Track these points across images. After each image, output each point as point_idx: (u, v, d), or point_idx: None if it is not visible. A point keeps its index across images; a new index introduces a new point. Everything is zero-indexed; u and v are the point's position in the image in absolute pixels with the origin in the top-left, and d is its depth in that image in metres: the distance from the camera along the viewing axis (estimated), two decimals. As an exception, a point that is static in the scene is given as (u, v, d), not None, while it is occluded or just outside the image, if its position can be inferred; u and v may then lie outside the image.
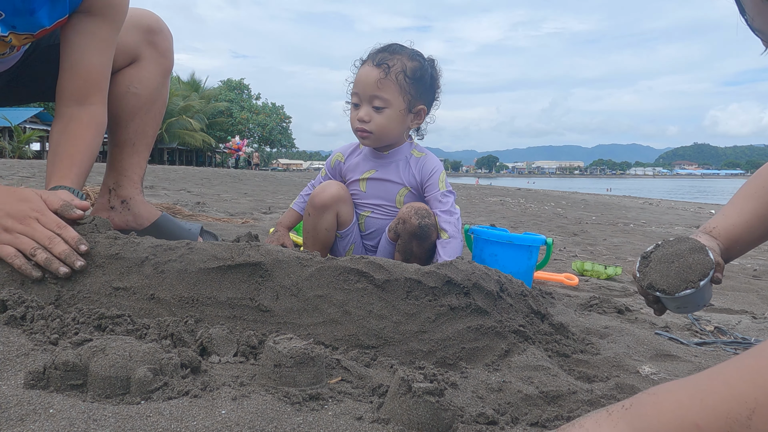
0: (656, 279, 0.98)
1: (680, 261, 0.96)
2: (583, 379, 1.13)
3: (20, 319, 1.04)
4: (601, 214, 8.03)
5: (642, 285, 1.01)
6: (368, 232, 1.98)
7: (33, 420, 0.72)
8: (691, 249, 0.97)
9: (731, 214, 1.08)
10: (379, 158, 1.95)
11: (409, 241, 1.79)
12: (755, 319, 1.91)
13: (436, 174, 1.91)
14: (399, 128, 1.88)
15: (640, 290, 1.05)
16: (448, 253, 1.77)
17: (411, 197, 1.93)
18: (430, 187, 1.90)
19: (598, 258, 3.30)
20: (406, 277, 1.17)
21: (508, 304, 1.27)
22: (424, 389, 0.79)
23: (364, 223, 1.97)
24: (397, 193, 1.94)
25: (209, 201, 5.27)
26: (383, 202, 1.94)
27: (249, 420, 0.76)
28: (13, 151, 24.68)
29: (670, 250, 0.99)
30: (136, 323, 1.07)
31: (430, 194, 1.90)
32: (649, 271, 0.99)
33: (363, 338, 1.11)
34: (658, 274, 0.98)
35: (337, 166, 2.05)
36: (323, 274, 1.16)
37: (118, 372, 0.80)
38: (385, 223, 1.94)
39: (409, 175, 1.93)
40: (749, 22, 0.67)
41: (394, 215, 1.91)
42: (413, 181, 1.93)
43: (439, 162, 1.95)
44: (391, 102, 1.81)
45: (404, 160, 1.94)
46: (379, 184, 1.95)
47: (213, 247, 1.21)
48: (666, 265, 0.98)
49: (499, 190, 16.00)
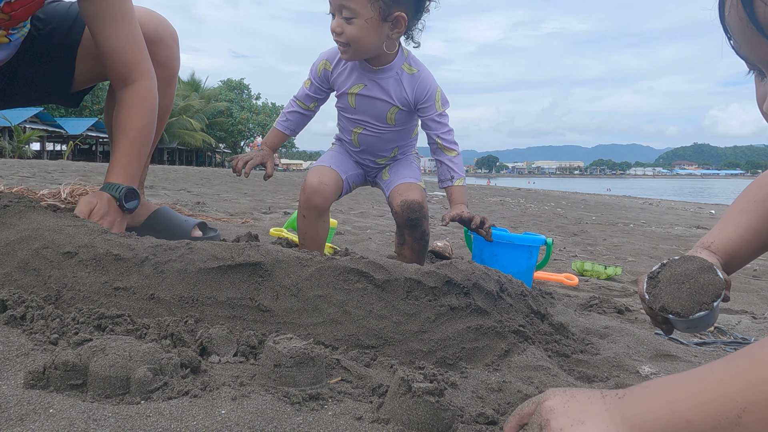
0: (668, 301, 0.95)
1: (691, 282, 0.94)
2: (583, 379, 1.13)
3: (20, 319, 1.04)
4: (601, 214, 8.03)
5: (653, 307, 0.98)
6: (362, 148, 1.93)
7: (33, 420, 0.72)
8: (700, 269, 0.95)
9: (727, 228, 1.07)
10: (368, 72, 1.81)
11: (401, 229, 1.85)
12: (755, 319, 1.91)
13: (432, 94, 1.82)
14: (375, 39, 1.70)
15: (648, 311, 1.03)
16: (459, 167, 1.86)
17: (402, 116, 1.85)
18: (427, 108, 1.83)
19: (598, 258, 3.30)
20: (406, 277, 1.17)
21: (508, 304, 1.27)
22: (424, 389, 0.79)
23: (357, 140, 1.92)
24: (388, 111, 1.84)
25: (209, 201, 5.27)
26: (373, 120, 1.86)
27: (249, 420, 0.76)
28: (13, 150, 24.68)
29: (678, 270, 0.97)
30: (136, 323, 1.07)
31: (427, 116, 1.83)
32: (659, 293, 0.97)
33: (363, 338, 1.11)
34: (669, 296, 0.95)
35: (324, 74, 1.90)
36: (323, 274, 1.16)
37: (118, 372, 0.80)
38: (378, 141, 1.90)
39: (401, 94, 1.82)
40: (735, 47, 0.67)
41: (386, 132, 1.88)
42: (405, 101, 1.82)
43: (434, 79, 1.85)
44: (357, 11, 1.65)
45: (395, 77, 1.81)
46: (367, 101, 1.84)
47: (213, 247, 1.21)
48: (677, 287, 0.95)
49: (499, 190, 16.00)
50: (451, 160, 1.85)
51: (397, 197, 1.82)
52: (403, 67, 1.81)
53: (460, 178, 1.85)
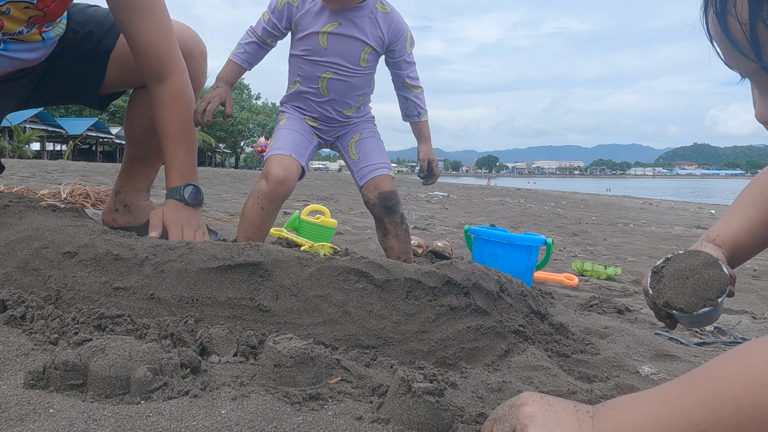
0: (672, 297, 0.94)
1: (695, 277, 0.93)
2: (583, 379, 1.13)
3: (20, 319, 1.04)
4: (601, 214, 8.04)
5: (657, 303, 0.97)
6: (330, 97, 1.84)
7: (33, 420, 0.72)
8: (705, 264, 0.94)
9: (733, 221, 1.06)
10: (343, 10, 1.75)
11: (380, 220, 1.87)
12: (755, 319, 1.91)
13: (405, 35, 1.84)
14: None
15: (651, 306, 1.02)
16: (424, 103, 1.96)
17: (373, 57, 1.83)
18: (399, 50, 1.84)
19: (598, 258, 3.30)
20: (406, 277, 1.17)
21: (508, 304, 1.27)
22: (424, 389, 0.79)
23: (326, 87, 1.82)
24: (361, 52, 1.80)
25: (209, 201, 5.27)
26: (344, 62, 1.80)
27: (249, 420, 0.76)
28: (13, 150, 24.68)
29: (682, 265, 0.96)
30: (136, 323, 1.07)
31: (399, 57, 1.85)
32: (663, 288, 0.96)
33: (363, 338, 1.11)
34: (673, 291, 0.94)
35: (287, 10, 1.79)
36: (323, 274, 1.16)
37: (118, 372, 0.80)
38: (347, 87, 1.83)
39: (377, 33, 1.80)
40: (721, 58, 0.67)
41: (356, 76, 1.82)
42: (380, 41, 1.81)
43: (405, 21, 1.87)
44: None
45: (370, 15, 1.78)
46: (342, 40, 1.77)
47: (213, 246, 1.21)
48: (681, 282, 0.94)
49: (499, 190, 16.00)
50: (417, 97, 1.93)
51: (374, 191, 1.84)
52: (377, 6, 1.79)
53: (425, 114, 1.97)
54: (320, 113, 1.88)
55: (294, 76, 1.87)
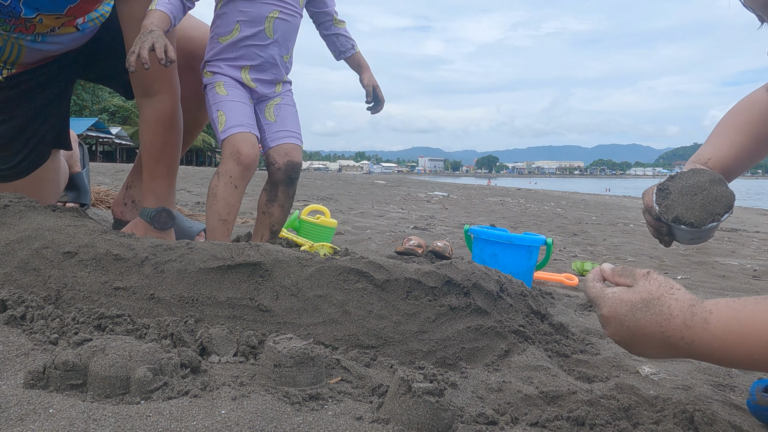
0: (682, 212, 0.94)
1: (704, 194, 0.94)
2: (583, 379, 1.13)
3: (20, 319, 1.04)
4: (601, 214, 8.04)
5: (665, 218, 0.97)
6: (275, 38, 1.81)
7: (33, 420, 0.72)
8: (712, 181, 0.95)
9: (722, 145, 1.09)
10: None
11: (277, 187, 1.84)
12: (755, 319, 1.91)
13: None
14: None
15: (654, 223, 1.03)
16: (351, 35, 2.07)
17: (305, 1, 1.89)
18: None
19: (598, 258, 3.30)
20: (406, 277, 1.17)
21: (508, 304, 1.27)
22: (424, 389, 0.79)
23: (272, 27, 1.79)
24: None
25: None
26: (290, 2, 1.81)
27: (249, 420, 0.76)
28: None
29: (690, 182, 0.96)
30: (136, 323, 1.07)
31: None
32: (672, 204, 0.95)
33: (363, 338, 1.11)
34: (682, 207, 0.94)
35: None
36: (323, 274, 1.16)
37: (118, 372, 0.80)
38: (290, 28, 1.83)
39: None
40: None
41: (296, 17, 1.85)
42: None
43: None
44: None
45: None
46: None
47: (213, 247, 1.21)
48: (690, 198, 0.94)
49: (499, 190, 16.00)
50: (346, 30, 2.04)
51: (284, 156, 1.82)
52: None
53: (356, 44, 2.07)
54: (263, 59, 1.82)
55: (231, 25, 1.79)
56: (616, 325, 0.76)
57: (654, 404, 0.99)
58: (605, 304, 0.77)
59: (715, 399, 1.07)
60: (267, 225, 1.87)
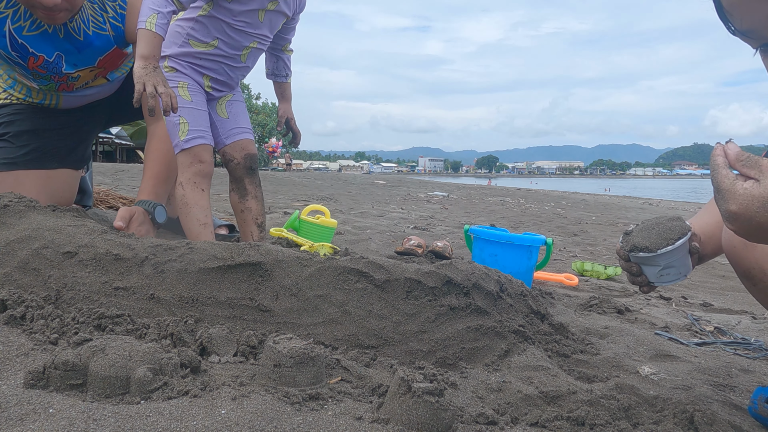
0: (639, 241, 1.04)
1: (660, 227, 1.03)
2: (583, 379, 1.13)
3: (20, 319, 1.04)
4: (601, 214, 8.03)
5: (625, 250, 1.05)
6: (246, 64, 1.95)
7: (33, 420, 0.72)
8: (670, 218, 1.05)
9: (704, 214, 1.14)
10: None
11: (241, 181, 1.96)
12: (755, 319, 1.91)
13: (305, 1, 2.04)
14: None
15: (624, 266, 1.09)
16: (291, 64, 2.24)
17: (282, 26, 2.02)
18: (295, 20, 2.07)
19: (598, 258, 3.30)
20: (406, 277, 1.17)
21: (508, 304, 1.27)
22: (424, 389, 0.79)
23: (247, 55, 1.93)
24: (281, 23, 1.98)
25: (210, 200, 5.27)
26: (269, 34, 1.94)
27: (249, 420, 0.76)
28: (13, 150, 24.68)
29: (650, 223, 1.07)
30: (136, 323, 1.07)
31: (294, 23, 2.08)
32: (631, 238, 1.05)
33: (363, 338, 1.11)
34: (640, 237, 1.04)
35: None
36: (323, 274, 1.16)
37: (118, 372, 0.80)
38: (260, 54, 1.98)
39: (294, 5, 1.98)
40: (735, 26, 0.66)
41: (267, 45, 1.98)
42: (294, 12, 2.01)
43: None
44: None
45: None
46: (274, 16, 1.91)
47: (213, 247, 1.21)
48: (647, 231, 1.05)
49: (499, 190, 16.01)
50: (289, 59, 2.20)
51: (241, 151, 1.96)
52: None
53: (290, 75, 2.24)
54: (229, 76, 1.95)
55: (210, 38, 1.83)
56: (744, 222, 0.74)
57: (654, 404, 0.99)
58: (735, 201, 0.75)
59: (715, 399, 1.07)
60: (251, 221, 1.93)
